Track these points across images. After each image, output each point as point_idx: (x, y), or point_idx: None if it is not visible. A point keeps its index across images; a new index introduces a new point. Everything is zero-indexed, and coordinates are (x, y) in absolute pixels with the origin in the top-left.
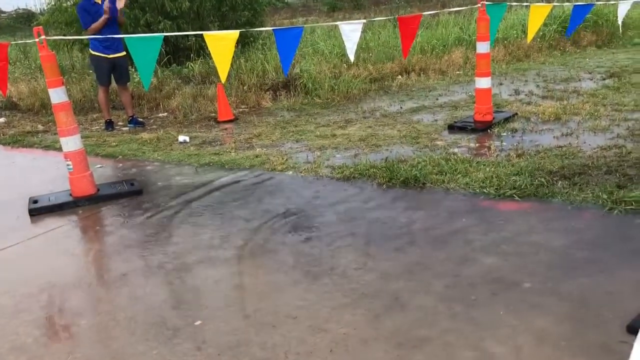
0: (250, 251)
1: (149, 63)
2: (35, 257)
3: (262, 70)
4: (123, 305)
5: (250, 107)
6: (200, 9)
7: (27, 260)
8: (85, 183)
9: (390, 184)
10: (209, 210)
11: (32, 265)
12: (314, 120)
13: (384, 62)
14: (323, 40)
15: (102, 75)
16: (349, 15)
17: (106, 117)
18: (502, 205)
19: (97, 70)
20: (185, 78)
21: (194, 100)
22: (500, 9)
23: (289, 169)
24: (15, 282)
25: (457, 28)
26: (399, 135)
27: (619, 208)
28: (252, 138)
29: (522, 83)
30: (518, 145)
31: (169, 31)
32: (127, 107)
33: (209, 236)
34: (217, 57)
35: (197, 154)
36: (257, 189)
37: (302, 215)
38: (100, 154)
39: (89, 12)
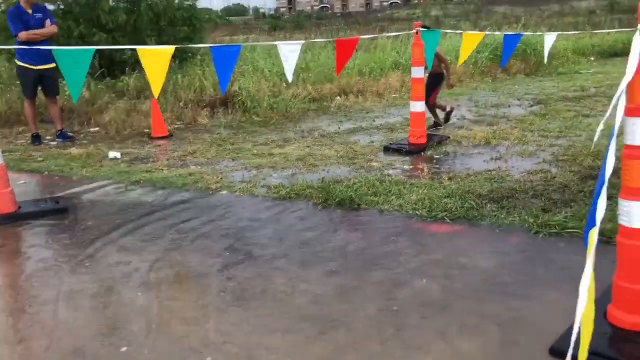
0: (179, 274)
1: (79, 77)
2: None
3: (200, 86)
4: (39, 333)
5: (186, 124)
6: (137, 23)
7: None
8: (5, 200)
9: (326, 205)
10: (136, 231)
11: None
12: (252, 138)
13: (323, 83)
14: (263, 58)
15: (28, 86)
16: (290, 35)
17: (32, 131)
18: (433, 227)
19: (23, 82)
20: (120, 92)
21: (128, 115)
22: (435, 35)
23: (223, 189)
24: None
25: (394, 52)
26: (336, 155)
27: (543, 231)
28: (186, 155)
29: (455, 107)
30: (450, 168)
31: (104, 44)
32: (55, 120)
33: (135, 258)
34: (151, 73)
35: (128, 171)
36: (188, 209)
37: (235, 236)
38: (24, 169)
39: (20, 20)
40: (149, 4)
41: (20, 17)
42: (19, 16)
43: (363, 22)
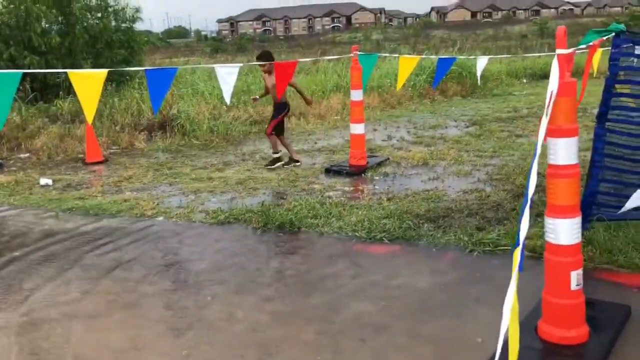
0: (111, 304)
1: (5, 101)
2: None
3: (138, 110)
4: None
5: (122, 148)
6: (72, 45)
7: None
8: None
9: (266, 229)
10: (65, 261)
11: None
12: (191, 162)
13: (264, 105)
14: (203, 81)
15: None
16: (232, 58)
17: None
18: (372, 248)
19: None
20: (53, 116)
21: (61, 141)
22: (372, 59)
23: (160, 214)
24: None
25: (336, 75)
26: (277, 178)
27: (478, 249)
28: (122, 181)
29: (395, 129)
30: (389, 189)
31: (36, 67)
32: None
33: (64, 289)
34: (83, 97)
35: (60, 199)
36: (122, 237)
37: (170, 264)
38: None
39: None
40: (84, 26)
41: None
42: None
43: (305, 46)
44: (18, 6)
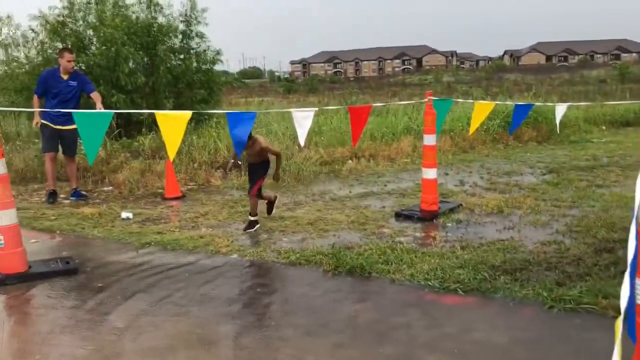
0: (186, 342)
1: (96, 138)
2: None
3: (214, 148)
4: None
5: (199, 185)
6: (156, 85)
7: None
8: (16, 260)
9: (336, 272)
10: (145, 295)
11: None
12: (263, 200)
13: (335, 147)
14: (277, 121)
15: (46, 142)
16: (304, 99)
17: (50, 187)
18: (446, 299)
19: (42, 138)
20: (135, 152)
21: (142, 175)
22: (446, 104)
23: (234, 252)
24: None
25: (406, 117)
26: (347, 220)
27: (558, 306)
28: (198, 217)
29: (467, 174)
30: (462, 236)
31: (122, 105)
32: (71, 179)
33: (143, 322)
34: (168, 136)
35: (139, 232)
36: (197, 273)
37: (244, 302)
38: (36, 227)
39: (47, 83)
40: (167, 67)
41: (48, 81)
42: (48, 80)
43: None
44: (109, 48)
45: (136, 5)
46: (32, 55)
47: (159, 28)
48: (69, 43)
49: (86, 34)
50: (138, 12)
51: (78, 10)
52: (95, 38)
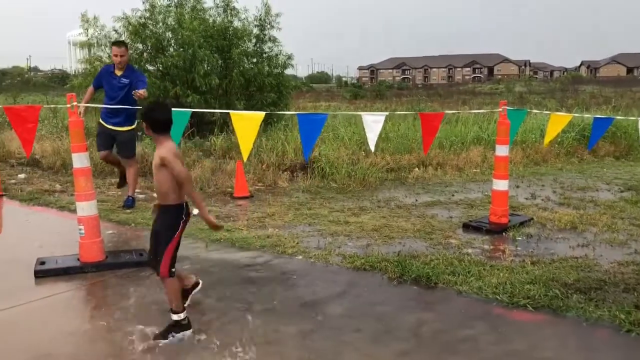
0: (252, 339)
1: (174, 136)
2: (35, 322)
3: (282, 150)
4: None
5: (266, 186)
6: (228, 87)
7: (26, 325)
8: (95, 249)
9: (401, 280)
10: (213, 291)
11: (30, 330)
12: (329, 204)
13: (402, 154)
14: (344, 126)
15: (99, 142)
16: (371, 104)
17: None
18: (515, 315)
19: (97, 136)
20: (207, 151)
21: (213, 174)
22: (521, 115)
23: (299, 253)
24: (11, 348)
25: (476, 127)
26: (412, 228)
27: (637, 330)
28: (265, 217)
29: (539, 187)
30: (533, 251)
31: (197, 104)
32: (129, 183)
33: (211, 317)
34: (241, 136)
35: (209, 229)
36: (264, 272)
37: (307, 304)
38: (113, 219)
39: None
40: (240, 70)
41: (102, 76)
42: (102, 75)
43: (444, 95)
44: (187, 50)
45: (213, 9)
46: None
47: (234, 32)
48: (148, 44)
49: (165, 36)
50: (215, 16)
51: (159, 12)
52: (173, 40)
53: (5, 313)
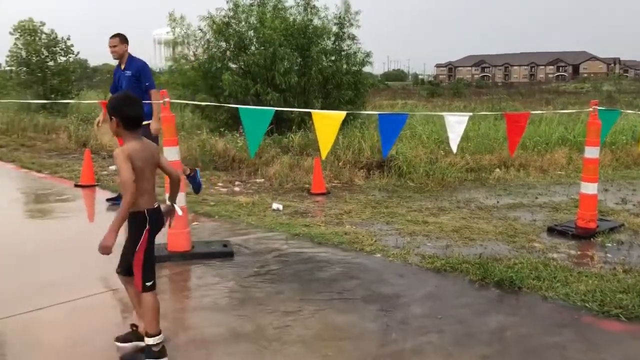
0: (332, 333)
1: (258, 133)
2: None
3: (358, 148)
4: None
5: (342, 183)
6: (307, 85)
7: (115, 310)
8: (182, 240)
9: (483, 283)
10: (295, 284)
11: (119, 316)
12: (406, 203)
13: (482, 153)
14: (421, 124)
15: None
16: (449, 103)
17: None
18: (605, 324)
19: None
20: (285, 148)
21: (290, 170)
22: (613, 115)
23: (377, 251)
24: (102, 330)
25: (562, 127)
26: (494, 231)
27: None
28: (342, 214)
29: (630, 192)
30: (625, 259)
31: (276, 102)
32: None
33: (292, 308)
34: (322, 135)
35: (289, 223)
36: (343, 268)
37: (388, 302)
38: (198, 211)
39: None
40: (319, 68)
41: (114, 74)
42: (115, 72)
43: (525, 94)
44: (267, 48)
45: (294, 7)
46: (199, 53)
47: (314, 30)
48: (231, 43)
49: (247, 35)
50: (295, 15)
51: (242, 11)
52: (255, 38)
53: (100, 297)
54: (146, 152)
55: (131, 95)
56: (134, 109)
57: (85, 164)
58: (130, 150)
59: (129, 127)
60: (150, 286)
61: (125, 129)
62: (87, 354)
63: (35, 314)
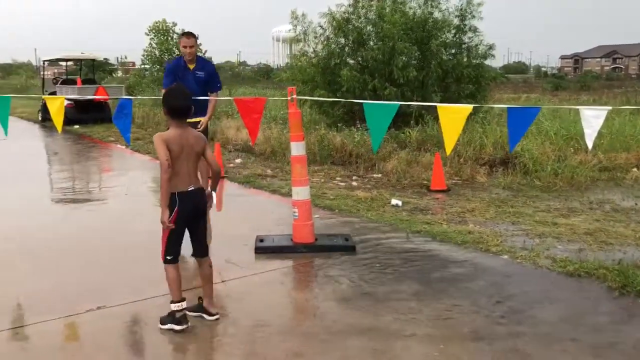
0: (458, 335)
1: (382, 128)
2: (254, 294)
3: (480, 144)
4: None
5: (463, 180)
6: (425, 79)
7: (249, 295)
8: (307, 231)
9: (624, 292)
10: (417, 282)
11: (251, 300)
12: (532, 203)
13: (617, 152)
14: (548, 119)
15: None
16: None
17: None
18: None
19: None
20: (402, 143)
21: (408, 166)
22: None
23: (504, 253)
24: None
25: None
26: (634, 235)
27: None
28: (464, 212)
29: None
30: None
31: (394, 97)
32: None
33: (414, 305)
34: (447, 130)
35: (409, 220)
36: (467, 268)
37: (514, 305)
38: (318, 205)
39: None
40: (438, 62)
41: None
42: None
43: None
44: (386, 43)
45: (414, 1)
46: (319, 50)
47: (434, 23)
48: (351, 39)
49: (366, 30)
50: (415, 8)
51: (362, 7)
52: (373, 33)
53: (233, 283)
54: (184, 140)
55: (184, 90)
56: (180, 101)
57: (216, 156)
58: (167, 136)
59: (173, 116)
60: (171, 260)
61: (170, 117)
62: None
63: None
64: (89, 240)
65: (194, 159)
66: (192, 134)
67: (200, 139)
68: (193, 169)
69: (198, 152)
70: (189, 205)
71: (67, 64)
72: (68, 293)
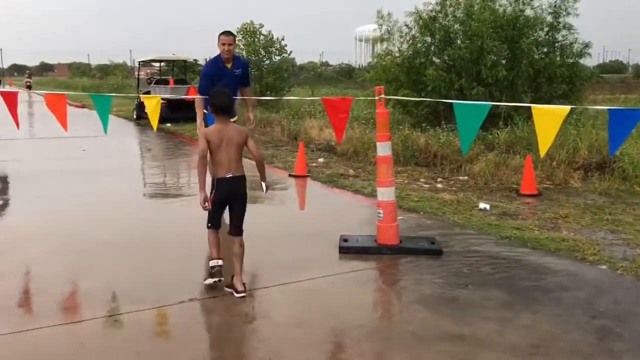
0: (551, 348)
1: (472, 129)
2: (338, 294)
3: (574, 147)
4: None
5: (555, 185)
6: (515, 78)
7: (329, 295)
8: (391, 233)
9: None
10: (506, 289)
11: (331, 300)
12: (633, 211)
13: None
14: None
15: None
16: None
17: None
18: None
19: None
20: (490, 145)
21: (496, 169)
22: None
23: (603, 262)
24: (314, 313)
25: None
26: None
27: None
28: (557, 218)
29: None
30: None
31: (481, 97)
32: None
33: (503, 313)
34: (541, 132)
35: (498, 225)
36: (562, 277)
37: (613, 320)
38: (402, 206)
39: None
40: (530, 61)
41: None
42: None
43: None
44: (475, 42)
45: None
46: (404, 49)
47: (525, 21)
48: (437, 37)
49: (453, 29)
50: (505, 5)
51: (449, 5)
52: (461, 32)
53: (315, 282)
54: (224, 133)
55: (226, 91)
56: (222, 100)
57: (299, 155)
58: (208, 130)
59: (216, 113)
60: (211, 227)
61: (214, 114)
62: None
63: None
64: (180, 234)
65: (234, 149)
66: (233, 127)
67: (242, 131)
68: (234, 158)
69: (238, 143)
70: (226, 189)
71: (160, 65)
72: (161, 283)
